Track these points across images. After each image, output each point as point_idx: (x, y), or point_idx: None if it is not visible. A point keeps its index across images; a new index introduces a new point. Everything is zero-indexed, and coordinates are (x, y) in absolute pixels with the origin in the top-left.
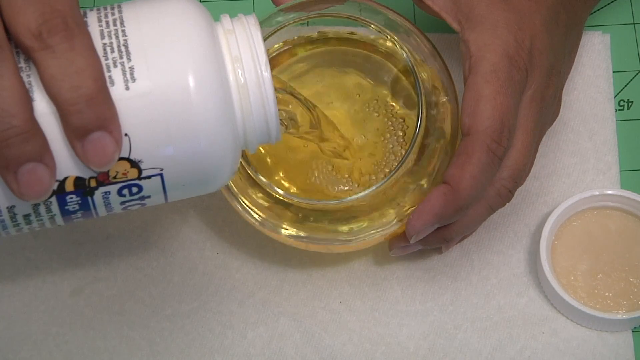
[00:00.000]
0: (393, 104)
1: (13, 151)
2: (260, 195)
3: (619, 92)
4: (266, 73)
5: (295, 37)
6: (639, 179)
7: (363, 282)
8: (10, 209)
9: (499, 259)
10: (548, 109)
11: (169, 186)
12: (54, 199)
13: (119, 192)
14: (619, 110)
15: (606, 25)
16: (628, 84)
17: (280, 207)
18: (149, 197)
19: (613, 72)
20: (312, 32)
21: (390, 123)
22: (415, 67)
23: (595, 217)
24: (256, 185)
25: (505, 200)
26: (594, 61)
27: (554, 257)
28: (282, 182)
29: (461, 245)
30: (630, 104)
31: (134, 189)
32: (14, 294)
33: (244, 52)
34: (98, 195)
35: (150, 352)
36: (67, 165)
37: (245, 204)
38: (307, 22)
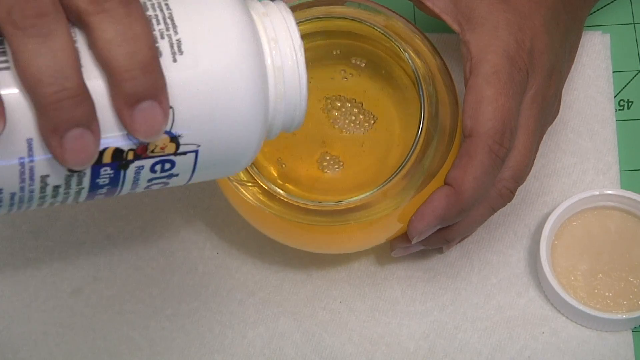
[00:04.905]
0: (392, 105)
1: (63, 114)
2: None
3: (619, 92)
4: (301, 57)
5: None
6: (639, 179)
7: (363, 282)
8: (44, 178)
9: (499, 259)
10: (549, 109)
11: (200, 165)
12: (88, 171)
13: (152, 168)
14: (619, 110)
15: (606, 25)
16: (628, 84)
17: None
18: (176, 175)
19: (613, 72)
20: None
21: (387, 123)
22: (416, 68)
23: (595, 217)
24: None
25: (507, 201)
26: (594, 61)
27: (554, 257)
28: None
29: (461, 245)
30: (630, 104)
31: (167, 165)
32: (14, 294)
33: (280, 34)
34: (131, 169)
35: (150, 352)
36: (109, 134)
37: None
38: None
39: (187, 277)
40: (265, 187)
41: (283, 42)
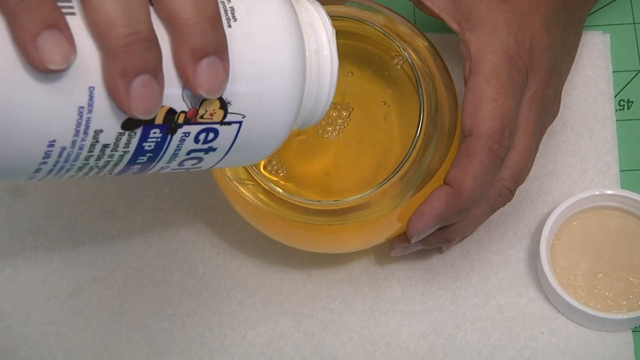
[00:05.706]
0: (392, 104)
1: (134, 58)
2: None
3: (619, 92)
4: (334, 44)
5: None
6: (639, 179)
7: (363, 282)
8: (97, 133)
9: (499, 259)
10: (548, 109)
11: (239, 140)
12: (139, 130)
13: (196, 137)
14: (619, 110)
15: (606, 25)
16: (628, 84)
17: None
18: (214, 150)
19: (613, 72)
20: None
21: (387, 122)
22: (416, 68)
23: (595, 217)
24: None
25: (506, 200)
26: (594, 61)
27: (554, 257)
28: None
29: (461, 245)
30: (630, 104)
31: (210, 135)
32: (14, 294)
33: (315, 20)
34: (177, 135)
35: (150, 352)
36: (165, 93)
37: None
38: None
39: (187, 277)
40: (264, 186)
41: (318, 27)
